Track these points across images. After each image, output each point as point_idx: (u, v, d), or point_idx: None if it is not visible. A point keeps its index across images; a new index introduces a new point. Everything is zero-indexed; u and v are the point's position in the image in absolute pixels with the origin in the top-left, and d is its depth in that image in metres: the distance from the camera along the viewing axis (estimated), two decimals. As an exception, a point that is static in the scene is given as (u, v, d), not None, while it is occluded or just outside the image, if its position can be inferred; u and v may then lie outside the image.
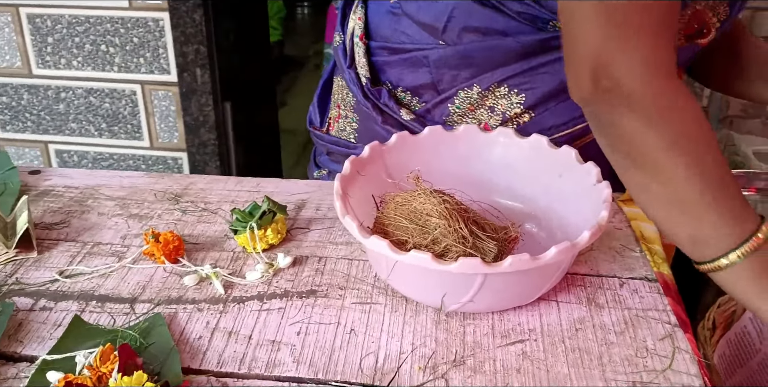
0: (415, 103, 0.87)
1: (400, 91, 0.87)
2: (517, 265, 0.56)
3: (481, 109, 0.83)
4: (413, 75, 0.85)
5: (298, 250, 0.76)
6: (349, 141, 0.95)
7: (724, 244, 0.59)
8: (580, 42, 0.61)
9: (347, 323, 0.65)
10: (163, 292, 0.70)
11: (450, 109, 0.85)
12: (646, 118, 0.58)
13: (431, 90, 0.85)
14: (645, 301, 0.68)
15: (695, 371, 0.60)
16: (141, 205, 0.85)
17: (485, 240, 0.58)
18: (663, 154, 0.58)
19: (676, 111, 0.58)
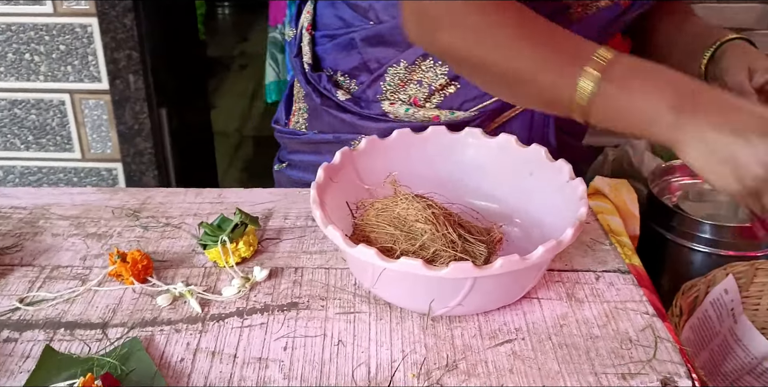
0: (353, 86, 0.91)
1: (339, 75, 0.91)
2: (507, 266, 0.56)
3: (410, 83, 0.86)
4: (347, 58, 0.89)
5: (272, 262, 0.74)
6: (300, 130, 0.98)
7: (572, 81, 0.60)
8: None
9: (333, 334, 0.64)
10: (136, 314, 0.66)
11: (382, 87, 0.88)
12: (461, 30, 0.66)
13: (365, 71, 0.89)
14: (621, 293, 0.70)
15: (678, 359, 0.62)
16: (98, 224, 0.80)
17: (474, 243, 0.58)
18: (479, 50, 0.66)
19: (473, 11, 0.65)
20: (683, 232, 0.97)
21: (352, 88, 0.91)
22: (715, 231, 0.95)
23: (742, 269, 0.87)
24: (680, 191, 1.04)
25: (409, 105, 0.87)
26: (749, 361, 0.91)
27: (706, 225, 0.95)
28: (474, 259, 0.59)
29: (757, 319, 0.91)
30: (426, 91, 0.86)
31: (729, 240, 0.95)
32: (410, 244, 0.59)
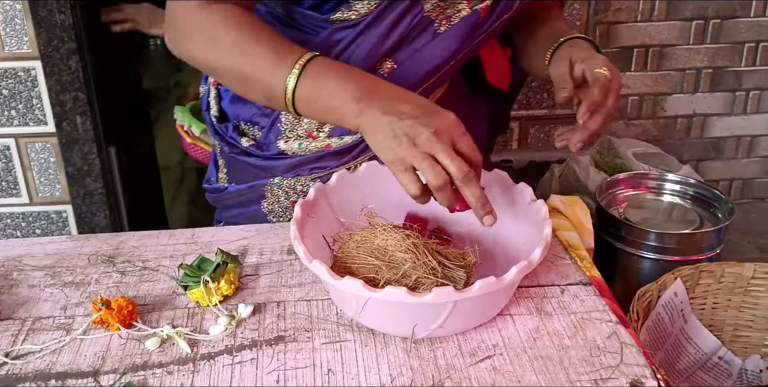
0: (256, 132, 0.96)
1: (243, 124, 0.97)
2: (486, 288, 0.60)
3: (302, 119, 0.91)
4: (245, 108, 0.95)
5: (254, 298, 0.76)
6: (222, 185, 1.02)
7: (282, 79, 0.72)
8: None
9: (323, 364, 0.67)
10: (126, 359, 0.67)
11: (280, 128, 0.93)
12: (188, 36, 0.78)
13: (262, 117, 0.94)
14: (586, 304, 0.75)
15: (643, 362, 0.67)
16: (74, 272, 0.81)
17: (454, 268, 0.62)
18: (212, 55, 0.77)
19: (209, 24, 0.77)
20: (631, 241, 1.04)
21: (256, 135, 0.95)
22: (661, 238, 1.02)
23: (688, 273, 0.94)
24: (626, 202, 1.11)
25: (304, 139, 0.91)
26: (700, 357, 0.98)
27: (652, 233, 1.02)
28: (455, 283, 0.63)
29: (704, 317, 0.98)
30: (316, 123, 0.91)
31: (674, 246, 1.02)
32: (393, 273, 0.62)
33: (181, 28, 0.79)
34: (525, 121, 1.97)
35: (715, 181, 2.12)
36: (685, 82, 1.98)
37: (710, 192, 1.09)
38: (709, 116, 2.04)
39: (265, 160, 0.93)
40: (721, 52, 1.94)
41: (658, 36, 1.91)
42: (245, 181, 0.97)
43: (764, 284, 0.96)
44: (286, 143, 0.91)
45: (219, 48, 0.76)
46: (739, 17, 1.91)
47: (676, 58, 1.95)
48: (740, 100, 2.02)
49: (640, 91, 1.97)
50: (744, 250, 1.93)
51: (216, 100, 0.99)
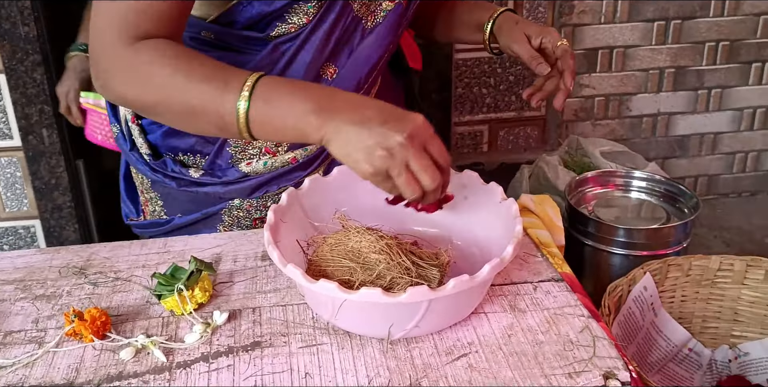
0: (199, 161, 0.93)
1: (181, 156, 0.94)
2: (460, 286, 0.61)
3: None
4: (182, 140, 0.92)
5: (228, 305, 0.76)
6: (162, 218, 0.99)
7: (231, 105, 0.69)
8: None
9: (300, 368, 0.67)
10: (101, 370, 0.67)
11: (230, 151, 0.91)
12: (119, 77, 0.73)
13: (206, 145, 0.92)
14: (558, 299, 0.76)
15: (615, 354, 0.68)
16: (45, 285, 0.80)
17: (428, 268, 0.63)
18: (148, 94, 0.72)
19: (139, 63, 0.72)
20: (601, 237, 1.06)
21: (199, 163, 0.93)
22: (629, 234, 1.04)
23: (657, 267, 0.96)
24: (594, 200, 1.14)
25: (268, 158, 0.90)
26: (671, 349, 1.00)
27: (621, 229, 1.04)
28: (429, 282, 0.63)
29: (673, 310, 1.00)
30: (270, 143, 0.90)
31: (642, 241, 1.04)
32: (367, 275, 0.63)
33: (109, 69, 0.74)
34: (494, 123, 1.99)
35: (681, 178, 2.17)
36: (649, 82, 2.02)
37: (676, 188, 1.11)
38: (673, 115, 2.09)
39: (225, 185, 0.91)
40: (682, 51, 1.99)
41: (621, 37, 1.95)
42: (193, 211, 0.95)
43: (730, 276, 0.99)
44: (249, 165, 0.90)
45: (156, 86, 0.71)
46: (699, 17, 1.95)
47: (639, 58, 1.99)
48: (702, 98, 2.07)
49: (606, 91, 2.00)
50: (711, 245, 1.97)
51: (142, 136, 0.94)
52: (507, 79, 1.94)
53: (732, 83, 2.06)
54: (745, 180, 2.21)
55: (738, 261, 0.98)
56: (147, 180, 0.97)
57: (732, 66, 2.03)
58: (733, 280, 0.99)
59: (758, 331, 1.00)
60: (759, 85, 2.06)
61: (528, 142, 2.00)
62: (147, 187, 0.99)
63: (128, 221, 1.05)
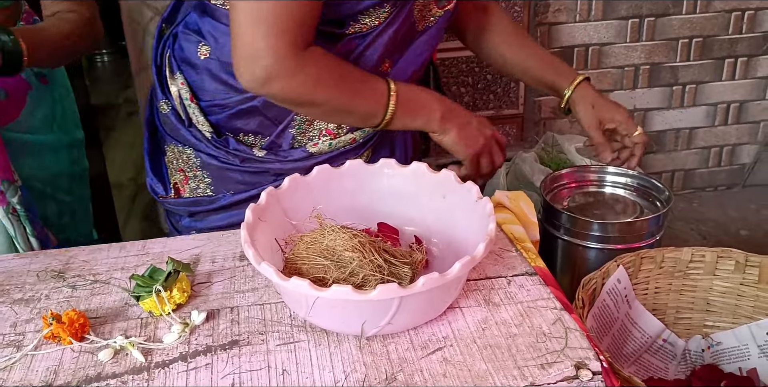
0: (260, 141, 0.99)
1: (242, 136, 0.99)
2: (429, 283, 0.62)
3: (314, 122, 0.98)
4: (248, 121, 0.98)
5: (207, 305, 0.77)
6: (207, 195, 1.02)
7: (377, 112, 0.92)
8: (234, 37, 0.84)
9: (277, 365, 0.68)
10: (79, 372, 0.67)
11: (291, 133, 0.98)
12: (285, 79, 0.85)
13: (270, 127, 0.97)
14: (531, 293, 0.78)
15: (587, 344, 0.70)
16: (23, 289, 0.80)
17: (399, 266, 0.64)
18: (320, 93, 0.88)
19: (308, 66, 0.86)
20: (576, 232, 1.07)
21: (260, 143, 0.99)
22: (603, 228, 1.06)
23: (630, 260, 0.98)
24: (570, 196, 1.15)
25: (324, 138, 0.98)
26: (646, 341, 1.02)
27: (595, 224, 1.06)
28: (400, 280, 0.65)
29: (647, 302, 1.02)
30: (328, 124, 0.98)
31: (616, 235, 1.06)
32: (340, 273, 0.64)
33: (273, 71, 0.84)
34: (473, 122, 2.01)
35: (658, 173, 2.20)
36: (625, 79, 2.05)
37: (649, 183, 1.13)
38: (649, 110, 2.12)
39: (290, 162, 0.97)
40: (657, 48, 2.02)
41: (596, 35, 1.98)
42: (243, 190, 0.99)
43: (702, 267, 1.01)
44: (315, 146, 0.97)
45: (325, 88, 0.88)
46: (672, 15, 1.98)
47: (614, 55, 2.01)
48: (677, 94, 2.10)
49: (582, 88, 2.02)
50: (687, 238, 2.00)
51: (203, 116, 0.98)
52: (485, 77, 1.96)
53: (706, 79, 2.09)
54: (720, 174, 2.25)
55: (709, 252, 1.00)
56: (195, 157, 1.01)
57: (705, 62, 2.06)
58: (705, 271, 1.01)
59: (730, 320, 1.02)
60: (732, 80, 2.10)
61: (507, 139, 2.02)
62: (192, 165, 1.02)
63: (158, 198, 1.08)
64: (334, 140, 0.98)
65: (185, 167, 1.03)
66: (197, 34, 0.98)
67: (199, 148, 0.99)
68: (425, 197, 0.80)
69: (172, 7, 1.05)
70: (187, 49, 0.99)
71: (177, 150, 1.03)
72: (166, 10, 1.05)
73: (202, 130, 0.99)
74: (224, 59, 0.95)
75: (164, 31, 1.06)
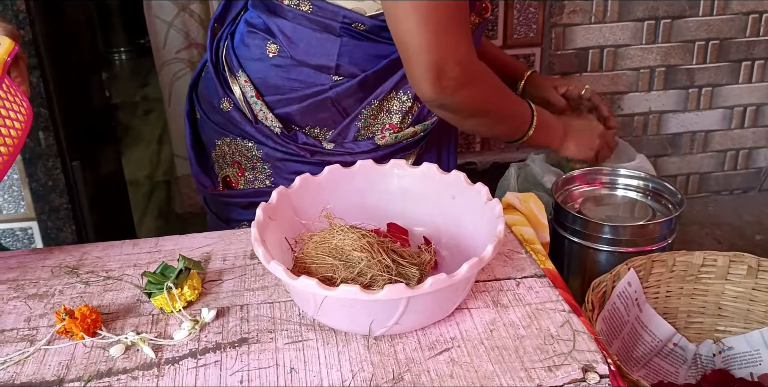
0: (325, 133, 1.02)
1: (308, 128, 1.02)
2: (437, 284, 0.62)
3: (380, 115, 1.01)
4: (318, 114, 1.00)
5: (217, 303, 0.78)
6: (266, 186, 1.05)
7: (524, 126, 1.04)
8: (412, 47, 0.86)
9: (285, 363, 0.69)
10: (91, 367, 0.68)
11: (357, 125, 1.01)
12: (474, 89, 0.92)
13: (338, 118, 1.00)
14: (540, 295, 0.78)
15: (595, 347, 0.70)
16: (37, 284, 0.82)
17: (407, 266, 0.64)
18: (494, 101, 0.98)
19: (488, 78, 0.96)
20: (587, 234, 1.07)
21: (324, 135, 1.01)
22: (615, 231, 1.06)
23: (641, 263, 0.98)
24: (581, 198, 1.15)
25: (388, 132, 1.01)
26: (656, 344, 1.01)
27: (606, 226, 1.06)
28: (408, 280, 0.65)
29: (658, 305, 1.01)
30: (399, 116, 1.00)
31: (627, 238, 1.06)
32: (349, 272, 0.64)
33: (453, 76, 0.88)
34: (487, 123, 2.01)
35: (673, 176, 2.18)
36: (640, 81, 2.03)
37: (661, 185, 1.13)
38: (665, 113, 2.10)
39: (358, 155, 1.00)
40: (672, 50, 2.00)
41: (612, 37, 1.97)
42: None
43: (713, 271, 1.00)
44: (383, 139, 1.01)
45: (499, 96, 0.98)
46: (688, 16, 1.97)
47: (630, 57, 2.00)
48: (693, 96, 2.08)
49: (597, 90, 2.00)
50: (702, 241, 1.98)
51: (270, 112, 1.00)
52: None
53: (722, 81, 2.07)
54: (736, 177, 2.23)
55: (721, 257, 0.99)
56: (257, 150, 1.03)
57: (722, 64, 2.04)
58: (717, 276, 1.01)
59: (742, 325, 1.02)
60: (749, 83, 2.08)
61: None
62: (252, 157, 1.04)
63: (208, 191, 1.10)
64: (398, 133, 1.02)
65: (242, 160, 1.05)
66: (266, 33, 1.00)
67: (265, 143, 1.02)
68: (435, 198, 0.80)
69: (222, 6, 1.08)
70: (254, 47, 1.01)
71: (234, 143, 1.05)
72: (217, 9, 1.09)
73: (270, 126, 1.01)
74: (299, 57, 0.97)
75: (216, 31, 1.08)
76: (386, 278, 0.64)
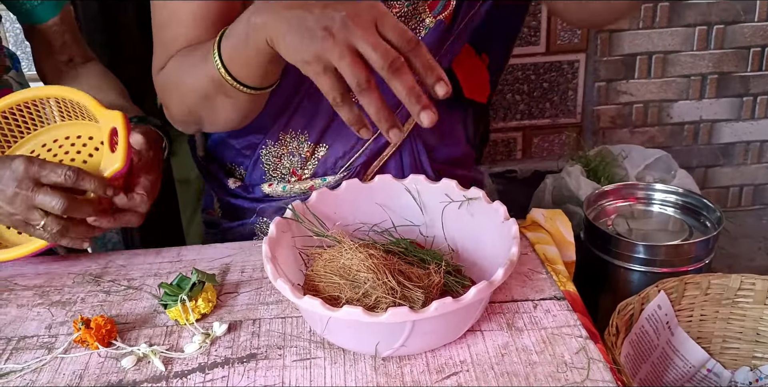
0: (242, 171, 0.99)
1: (228, 164, 1.00)
2: (442, 309, 0.61)
3: (283, 158, 0.95)
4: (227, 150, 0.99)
5: (230, 316, 0.78)
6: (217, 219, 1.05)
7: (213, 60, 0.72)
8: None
9: (291, 381, 0.68)
10: (102, 378, 0.70)
11: (263, 168, 0.96)
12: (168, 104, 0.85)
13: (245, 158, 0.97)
14: (557, 319, 0.75)
15: (609, 378, 0.67)
16: (61, 291, 0.84)
17: (412, 289, 0.63)
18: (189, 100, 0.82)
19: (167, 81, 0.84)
20: (619, 253, 1.03)
21: (241, 174, 0.99)
22: (649, 250, 1.02)
23: (672, 285, 0.94)
24: (615, 214, 1.11)
25: (286, 182, 0.95)
26: (688, 370, 0.97)
27: (640, 245, 1.02)
28: (412, 303, 0.64)
29: (691, 329, 0.97)
30: (299, 161, 0.94)
31: (662, 258, 1.02)
32: (354, 293, 0.64)
33: (163, 98, 0.84)
34: (528, 130, 1.97)
35: (725, 187, 2.10)
36: (691, 89, 1.96)
37: (699, 201, 1.08)
38: (717, 122, 2.02)
39: (251, 202, 0.96)
40: (726, 57, 1.92)
41: (661, 43, 1.90)
42: (237, 219, 1.00)
43: (751, 295, 0.96)
44: (270, 187, 0.95)
45: (179, 90, 0.81)
46: (743, 22, 1.89)
47: (680, 64, 1.93)
48: (748, 105, 1.99)
49: (645, 98, 1.95)
50: (754, 256, 1.90)
51: (202, 140, 1.02)
52: (541, 85, 1.92)
53: (780, 90, 1.98)
54: (793, 190, 2.13)
55: (760, 280, 0.94)
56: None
57: (779, 72, 1.96)
58: (755, 300, 0.96)
59: (782, 353, 0.97)
60: (808, 92, 1.98)
61: (563, 149, 1.97)
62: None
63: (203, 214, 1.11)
64: (288, 185, 0.95)
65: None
66: None
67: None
68: (453, 214, 0.78)
69: None
70: None
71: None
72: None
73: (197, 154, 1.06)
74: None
75: None
76: (390, 301, 0.63)
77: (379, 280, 0.63)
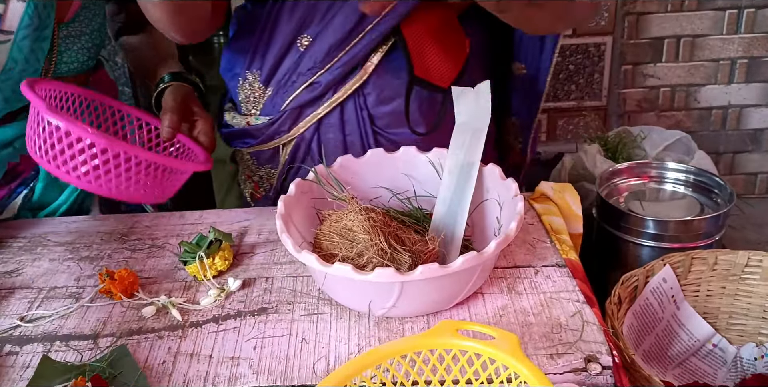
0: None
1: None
2: (427, 273, 0.64)
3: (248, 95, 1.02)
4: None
5: (245, 274, 0.82)
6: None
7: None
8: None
9: (298, 334, 0.72)
10: (124, 325, 0.75)
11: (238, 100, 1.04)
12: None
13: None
14: (557, 284, 0.78)
15: (601, 339, 0.70)
16: (90, 248, 0.89)
17: (401, 252, 0.66)
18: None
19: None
20: (629, 229, 1.05)
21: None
22: (658, 226, 1.03)
23: (679, 259, 0.95)
24: (627, 192, 1.13)
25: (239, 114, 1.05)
26: (693, 344, 0.98)
27: (649, 221, 1.03)
28: (399, 266, 0.67)
29: (697, 304, 0.99)
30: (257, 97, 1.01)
31: (671, 234, 1.03)
32: (349, 251, 0.67)
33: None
34: (553, 113, 1.97)
35: (753, 173, 2.07)
36: (720, 73, 1.94)
37: (712, 180, 1.09)
38: (746, 107, 1.99)
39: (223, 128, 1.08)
40: (756, 41, 1.90)
41: (689, 26, 1.88)
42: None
43: (759, 272, 0.96)
44: (229, 114, 1.05)
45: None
46: (776, 6, 1.86)
47: (709, 48, 1.91)
48: (778, 90, 1.97)
49: (672, 82, 1.94)
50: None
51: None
52: (567, 67, 1.92)
53: (812, 75, 1.95)
54: (823, 177, 2.10)
55: (767, 257, 0.95)
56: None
57: (812, 57, 1.92)
58: (762, 277, 0.97)
59: (788, 330, 0.97)
60: (842, 78, 1.95)
61: (588, 132, 1.97)
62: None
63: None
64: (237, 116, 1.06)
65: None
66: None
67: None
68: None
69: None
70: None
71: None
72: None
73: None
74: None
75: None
76: (379, 261, 0.66)
77: (371, 242, 0.66)
